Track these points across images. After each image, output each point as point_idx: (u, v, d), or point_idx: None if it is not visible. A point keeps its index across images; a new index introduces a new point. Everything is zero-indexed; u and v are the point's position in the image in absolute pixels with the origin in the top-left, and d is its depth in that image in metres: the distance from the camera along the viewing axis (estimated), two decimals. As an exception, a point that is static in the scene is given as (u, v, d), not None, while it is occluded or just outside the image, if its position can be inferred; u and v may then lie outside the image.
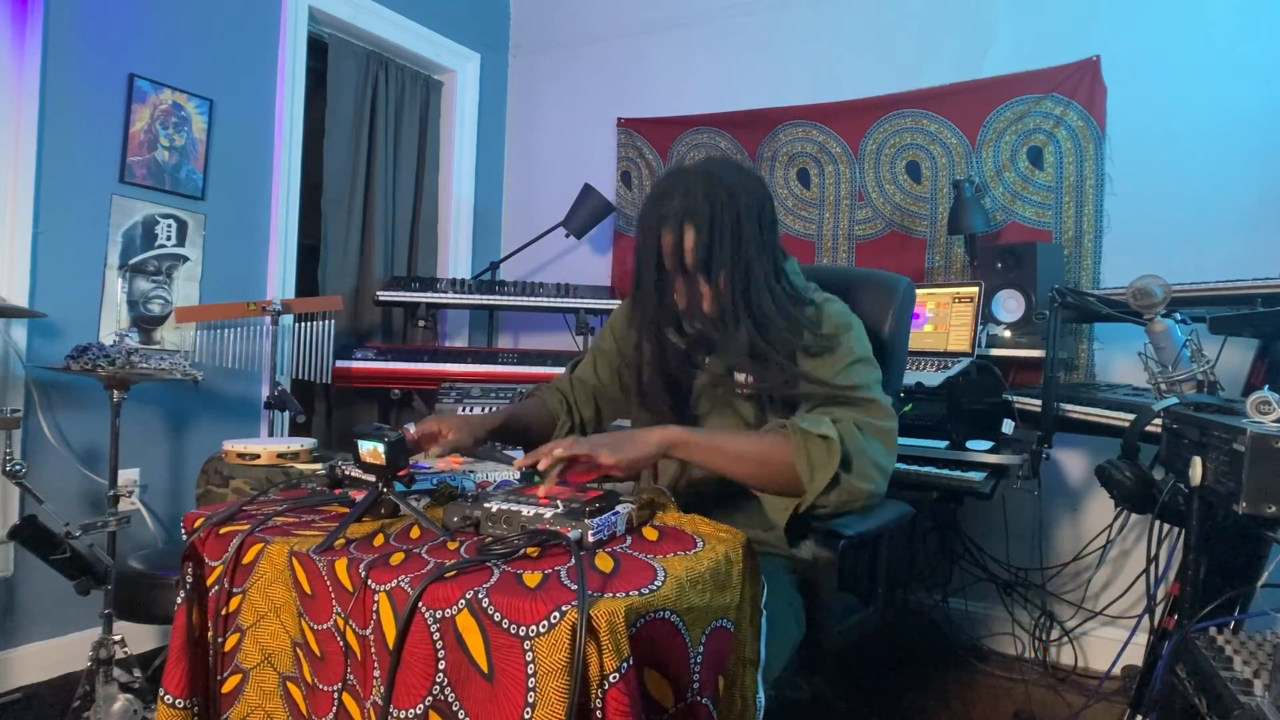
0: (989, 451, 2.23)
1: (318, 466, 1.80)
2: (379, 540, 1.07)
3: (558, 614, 0.82)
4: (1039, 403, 2.17)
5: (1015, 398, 2.30)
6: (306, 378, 2.74)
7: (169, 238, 2.57)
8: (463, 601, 0.88)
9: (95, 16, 2.37)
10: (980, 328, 2.49)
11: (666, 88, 3.43)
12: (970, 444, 2.27)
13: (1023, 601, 2.68)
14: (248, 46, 2.78)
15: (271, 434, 2.63)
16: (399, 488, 1.19)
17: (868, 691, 2.34)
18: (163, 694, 1.10)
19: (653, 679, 0.90)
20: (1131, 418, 1.81)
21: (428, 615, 0.90)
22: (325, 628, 1.01)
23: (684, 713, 0.93)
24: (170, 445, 2.61)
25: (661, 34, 3.44)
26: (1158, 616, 1.64)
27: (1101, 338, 2.62)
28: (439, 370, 2.96)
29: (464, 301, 3.15)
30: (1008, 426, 2.30)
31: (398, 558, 0.99)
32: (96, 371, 1.97)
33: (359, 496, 1.18)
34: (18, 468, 1.89)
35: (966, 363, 2.38)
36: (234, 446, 2.02)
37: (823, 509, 1.23)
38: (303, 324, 2.71)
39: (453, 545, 1.04)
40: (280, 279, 2.87)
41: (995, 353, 2.51)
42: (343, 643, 0.99)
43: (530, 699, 0.82)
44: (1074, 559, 2.60)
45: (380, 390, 3.20)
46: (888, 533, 1.55)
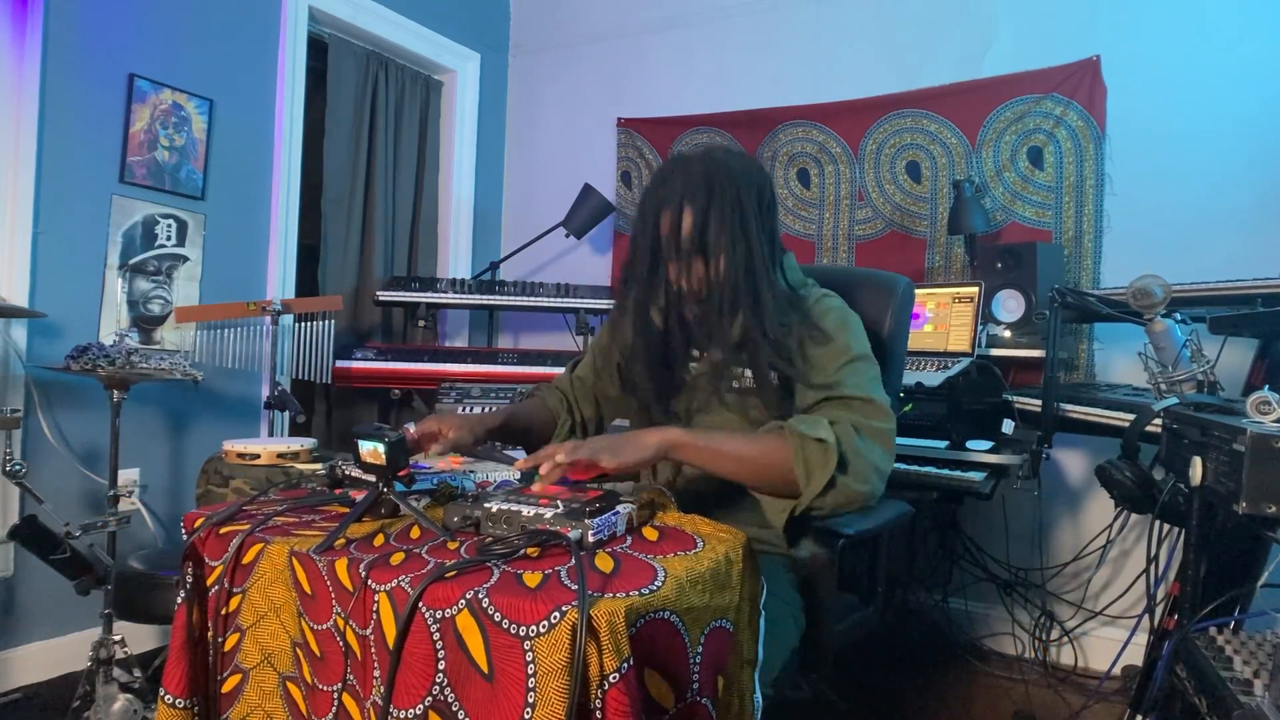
0: (989, 451, 2.23)
1: (318, 466, 1.80)
2: (379, 540, 1.07)
3: (558, 614, 0.82)
4: (1039, 403, 2.17)
5: (1015, 398, 2.30)
6: (306, 378, 2.74)
7: (169, 238, 2.57)
8: (463, 601, 0.88)
9: (95, 16, 2.37)
10: (980, 328, 2.49)
11: (666, 88, 3.43)
12: (970, 444, 2.27)
13: (1023, 601, 2.68)
14: (248, 46, 2.78)
15: (271, 434, 2.63)
16: (399, 488, 1.19)
17: (868, 691, 2.34)
18: (163, 694, 1.10)
19: (653, 679, 0.90)
20: (1131, 418, 1.81)
21: (428, 615, 0.90)
22: (325, 628, 1.01)
23: (684, 713, 0.93)
24: (170, 445, 2.61)
25: (661, 34, 3.44)
26: (1158, 616, 1.64)
27: (1101, 338, 2.62)
28: (439, 370, 2.96)
29: (464, 301, 3.15)
30: (1008, 426, 2.30)
31: (398, 558, 0.99)
32: (96, 371, 1.97)
33: (359, 496, 1.18)
34: (18, 468, 1.89)
35: (966, 363, 2.38)
36: (234, 446, 2.02)
37: (819, 511, 1.23)
38: (303, 324, 2.71)
39: (453, 545, 1.04)
40: (280, 279, 2.87)
41: (995, 353, 2.51)
42: (343, 643, 0.99)
43: (530, 699, 0.82)
44: (1074, 559, 2.60)
45: (380, 390, 3.20)
46: (887, 532, 1.55)
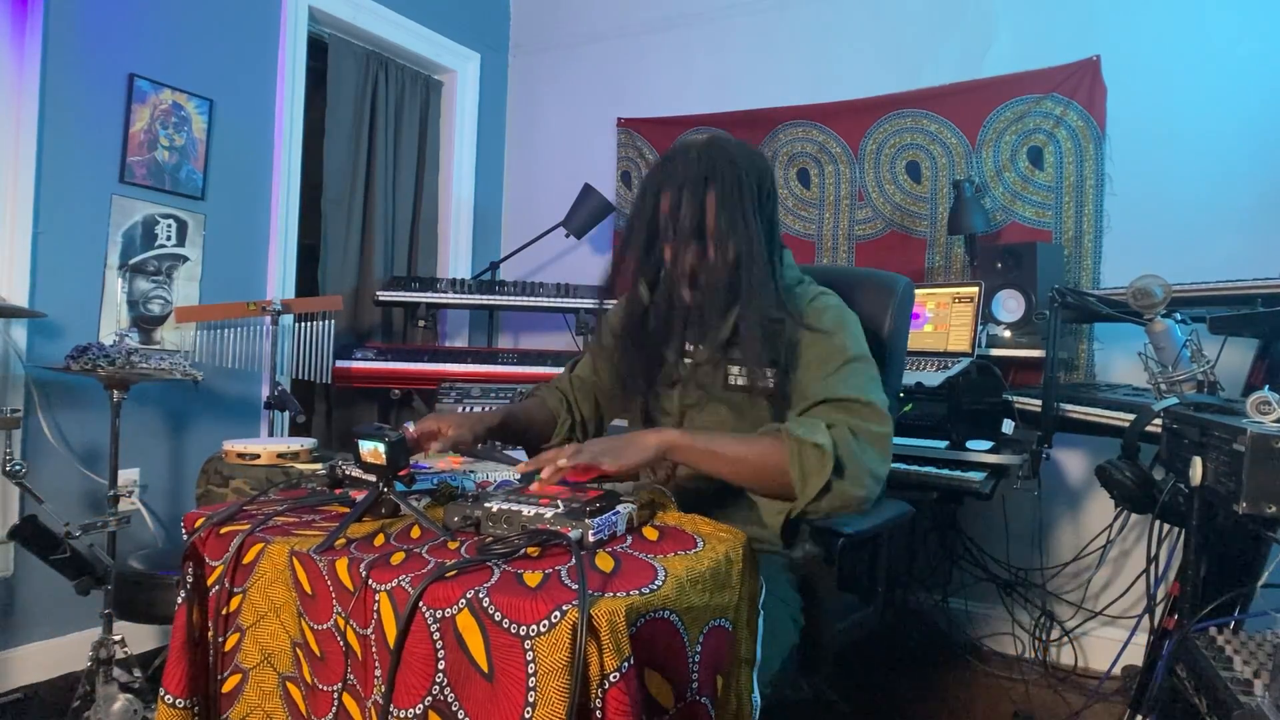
0: (989, 451, 2.23)
1: (318, 466, 1.79)
2: (379, 540, 1.07)
3: (558, 613, 0.82)
4: (1039, 403, 2.17)
5: (1015, 398, 2.30)
6: (306, 378, 2.74)
7: (169, 238, 2.57)
8: (463, 601, 0.88)
9: (95, 16, 2.37)
10: (980, 328, 2.49)
11: (666, 88, 3.43)
12: (970, 444, 2.27)
13: (1023, 601, 2.68)
14: (248, 46, 2.78)
15: (271, 434, 2.63)
16: (399, 488, 1.19)
17: (868, 691, 2.34)
18: (163, 694, 1.10)
19: (653, 679, 0.90)
20: (1131, 418, 1.81)
21: (428, 615, 0.90)
22: (325, 627, 1.01)
23: (684, 712, 0.93)
24: (170, 445, 2.61)
25: (661, 34, 3.44)
26: (1158, 616, 1.64)
27: (1101, 338, 2.62)
28: (439, 370, 2.96)
29: (464, 301, 3.15)
30: (1008, 426, 2.30)
31: (398, 557, 0.99)
32: (96, 371, 1.97)
33: (359, 496, 1.18)
34: (18, 468, 1.89)
35: (966, 363, 2.38)
36: (234, 446, 2.02)
37: (814, 514, 1.23)
38: (303, 324, 2.71)
39: (453, 545, 1.04)
40: (280, 279, 2.87)
41: (995, 353, 2.51)
42: (343, 642, 0.99)
43: (530, 699, 0.82)
44: (1074, 559, 2.60)
45: (380, 390, 3.20)
46: (887, 532, 1.55)
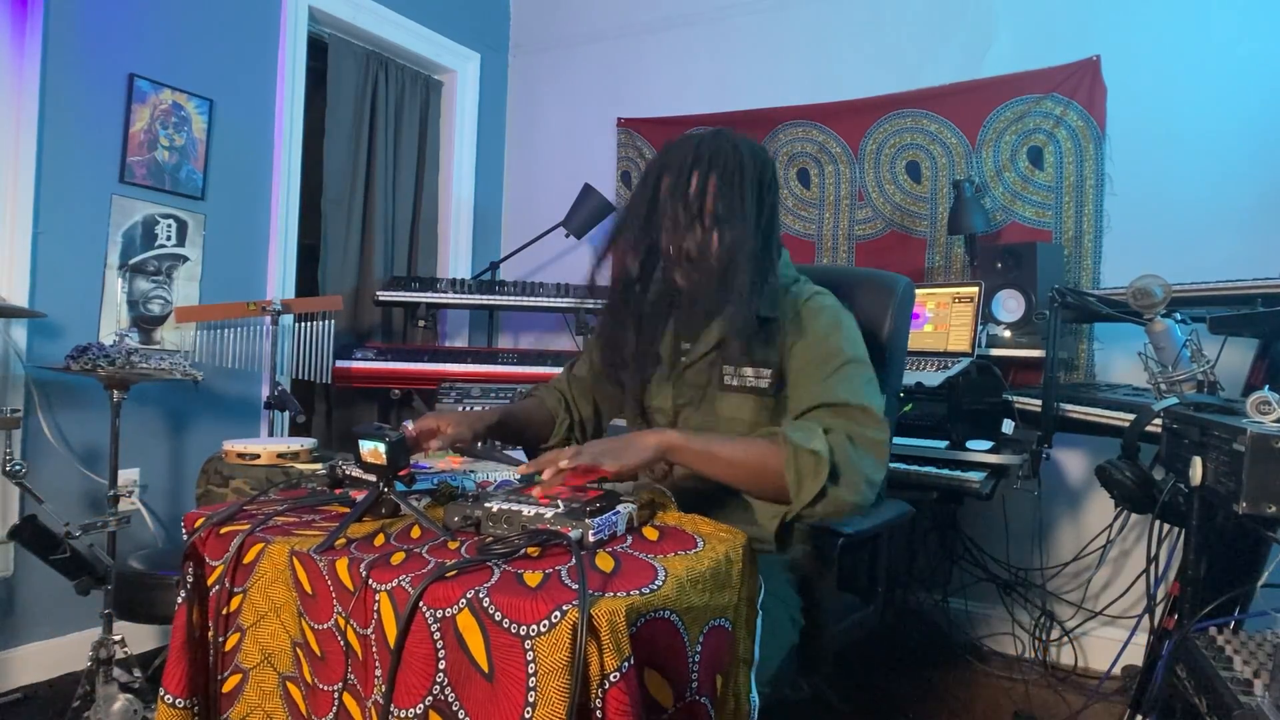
0: (989, 451, 2.23)
1: (318, 466, 1.79)
2: (380, 540, 1.07)
3: (558, 613, 0.82)
4: (1039, 403, 2.17)
5: (1015, 398, 2.30)
6: (306, 378, 2.74)
7: (169, 238, 2.57)
8: (463, 601, 0.88)
9: (95, 16, 2.37)
10: (980, 328, 2.49)
11: (666, 88, 3.43)
12: (970, 444, 2.27)
13: (1023, 601, 2.68)
14: (248, 46, 2.78)
15: (271, 434, 2.63)
16: (399, 487, 1.19)
17: (868, 691, 2.34)
18: (163, 694, 1.10)
19: (652, 678, 0.90)
20: (1131, 418, 1.81)
21: (428, 615, 0.90)
22: (326, 627, 1.01)
23: (683, 712, 0.93)
24: (170, 445, 2.61)
25: (661, 34, 3.44)
26: (1158, 616, 1.64)
27: (1101, 338, 2.62)
28: (439, 370, 2.96)
29: (464, 301, 3.15)
30: (1008, 426, 2.30)
31: (398, 557, 0.99)
32: (96, 371, 1.97)
33: (359, 496, 1.18)
34: (18, 468, 1.89)
35: (966, 363, 2.38)
36: (234, 446, 2.02)
37: (809, 519, 1.23)
38: (303, 324, 2.71)
39: (453, 545, 1.04)
40: (280, 279, 2.87)
41: (995, 353, 2.51)
42: (343, 642, 0.99)
43: (531, 698, 0.82)
44: (1074, 559, 2.60)
45: (380, 390, 3.20)
46: (887, 532, 1.55)
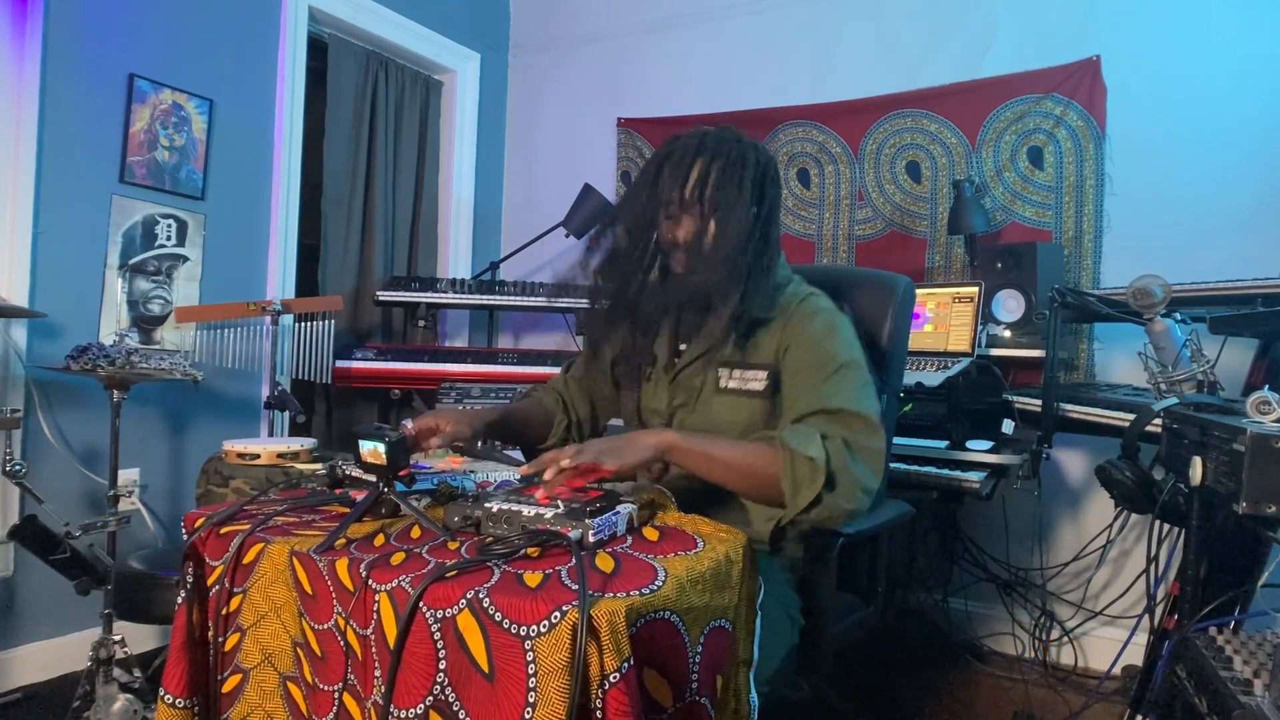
0: (989, 451, 2.23)
1: (318, 466, 1.79)
2: (379, 540, 1.07)
3: (558, 614, 0.82)
4: (1039, 403, 2.17)
5: (1015, 398, 2.30)
6: (306, 378, 2.74)
7: (169, 238, 2.56)
8: (463, 601, 0.88)
9: (95, 16, 2.37)
10: (980, 328, 2.48)
11: (666, 87, 3.43)
12: (970, 444, 2.27)
13: (1023, 601, 2.68)
14: (248, 46, 2.78)
15: (271, 434, 2.63)
16: (399, 487, 1.19)
17: (868, 691, 2.34)
18: (163, 694, 1.10)
19: (652, 678, 0.90)
20: (1131, 418, 1.81)
21: (428, 615, 0.90)
22: (326, 627, 1.01)
23: (683, 712, 0.93)
24: (170, 445, 2.61)
25: (661, 34, 3.44)
26: (1158, 616, 1.64)
27: (1101, 338, 2.62)
28: (439, 370, 2.96)
29: (464, 301, 3.15)
30: (1008, 426, 2.30)
31: (398, 557, 0.99)
32: (96, 371, 1.97)
33: (359, 496, 1.18)
34: (18, 468, 1.89)
35: (966, 363, 2.38)
36: (234, 446, 2.02)
37: (803, 524, 1.23)
38: (303, 324, 2.71)
39: (453, 545, 1.04)
40: (280, 279, 2.87)
41: (995, 353, 2.50)
42: (343, 642, 0.99)
43: (531, 699, 0.82)
44: (1074, 559, 2.60)
45: (380, 390, 3.20)
46: (887, 532, 1.55)
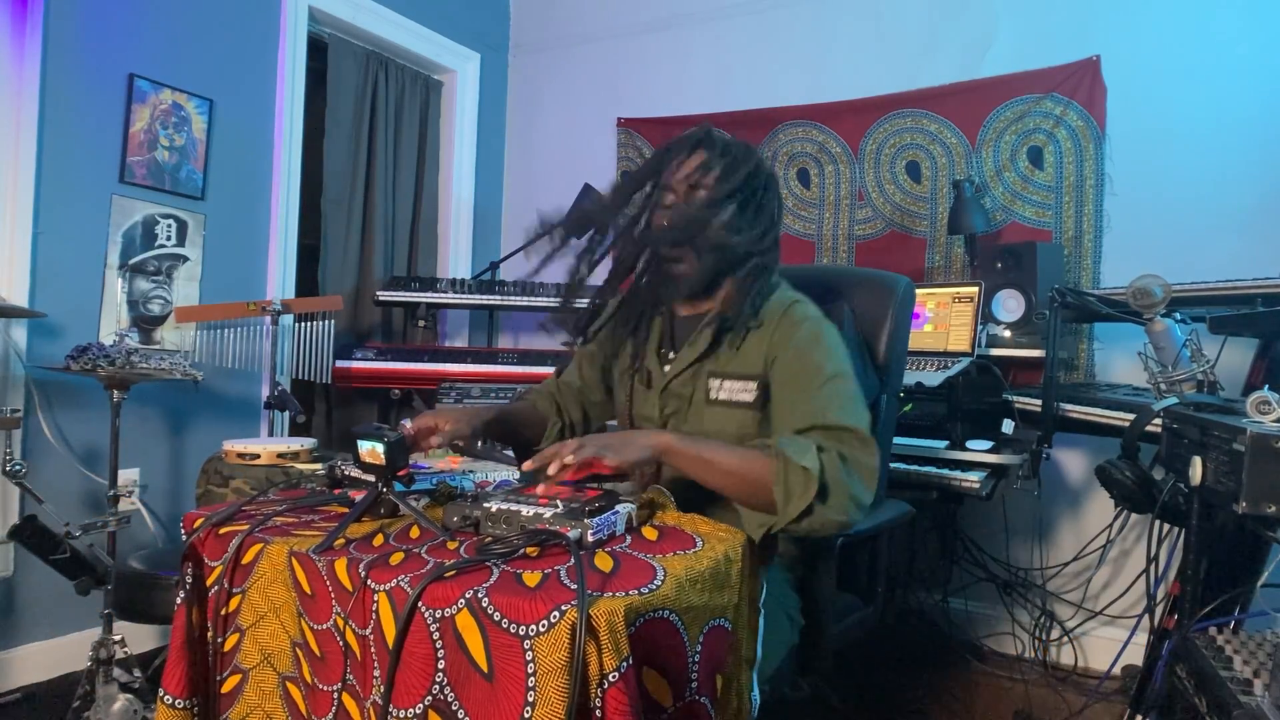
0: (989, 451, 2.23)
1: (317, 466, 1.80)
2: (379, 540, 1.07)
3: (557, 613, 0.82)
4: (1039, 403, 2.17)
5: (1015, 397, 2.30)
6: (306, 378, 2.74)
7: (169, 238, 2.57)
8: (462, 601, 0.88)
9: (95, 16, 2.37)
10: (980, 328, 2.48)
11: (666, 87, 3.43)
12: (970, 444, 2.27)
13: (1023, 601, 2.68)
14: (248, 46, 2.78)
15: (271, 434, 2.63)
16: (398, 487, 1.19)
17: (868, 691, 2.34)
18: (162, 694, 1.10)
19: (651, 678, 0.90)
20: (1131, 418, 1.81)
21: (427, 615, 0.90)
22: (325, 628, 1.01)
23: (682, 711, 0.93)
24: (170, 445, 2.61)
25: (661, 33, 3.44)
26: (1158, 616, 1.64)
27: (1101, 338, 2.62)
28: (439, 370, 2.96)
29: (464, 301, 3.15)
30: (1008, 426, 2.30)
31: (397, 557, 0.99)
32: (96, 371, 1.97)
33: (358, 496, 1.18)
34: (18, 468, 1.89)
35: (966, 362, 2.38)
36: (234, 446, 2.02)
37: (794, 532, 1.23)
38: (303, 324, 2.71)
39: (452, 545, 1.04)
40: (280, 279, 2.87)
41: (995, 353, 2.50)
42: (342, 643, 0.99)
43: (530, 698, 0.82)
44: (1074, 559, 2.60)
45: (380, 390, 3.20)
46: (886, 532, 1.56)
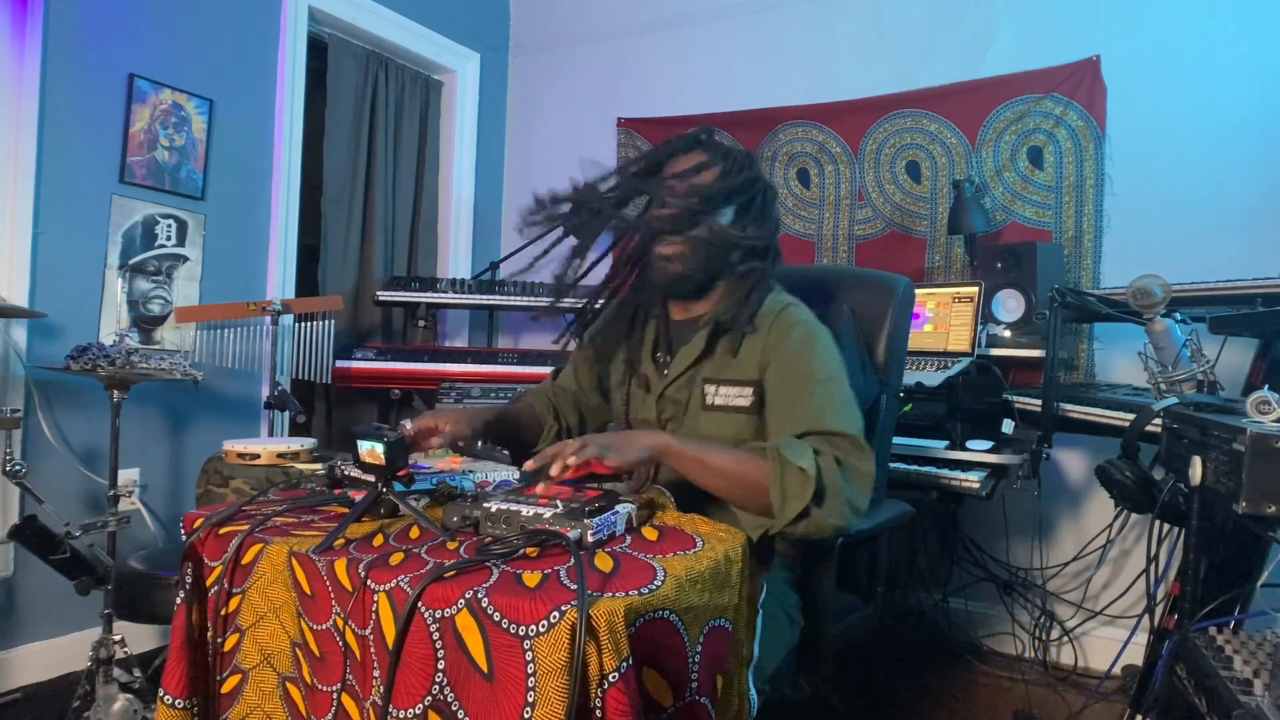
0: (989, 451, 2.23)
1: (317, 466, 1.79)
2: (378, 540, 1.07)
3: (557, 614, 0.82)
4: (1039, 402, 2.17)
5: (1015, 397, 2.30)
6: (306, 378, 2.74)
7: (169, 238, 2.56)
8: (462, 601, 0.88)
9: (95, 16, 2.37)
10: (980, 327, 2.48)
11: (666, 87, 3.43)
12: (970, 444, 2.27)
13: (1023, 601, 2.68)
14: (248, 46, 2.78)
15: (271, 434, 2.63)
16: (398, 488, 1.19)
17: (868, 691, 2.34)
18: (162, 694, 1.10)
19: (651, 678, 0.90)
20: (1131, 418, 1.81)
21: (427, 615, 0.90)
22: (324, 628, 1.01)
23: (682, 712, 0.93)
24: (170, 445, 2.61)
25: (661, 33, 3.44)
26: (1158, 616, 1.64)
27: (1101, 338, 2.62)
28: (439, 370, 2.96)
29: (464, 301, 3.15)
30: (1008, 426, 2.30)
31: (397, 558, 0.99)
32: (96, 371, 1.97)
33: (358, 496, 1.18)
34: (18, 468, 1.89)
35: (966, 362, 2.38)
36: (234, 446, 2.02)
37: (790, 535, 1.23)
38: (303, 324, 2.71)
39: (452, 545, 1.04)
40: (280, 279, 2.87)
41: (995, 353, 2.50)
42: (342, 643, 0.99)
43: (530, 699, 0.82)
44: (1074, 559, 2.60)
45: (380, 390, 3.20)
46: (886, 532, 1.56)
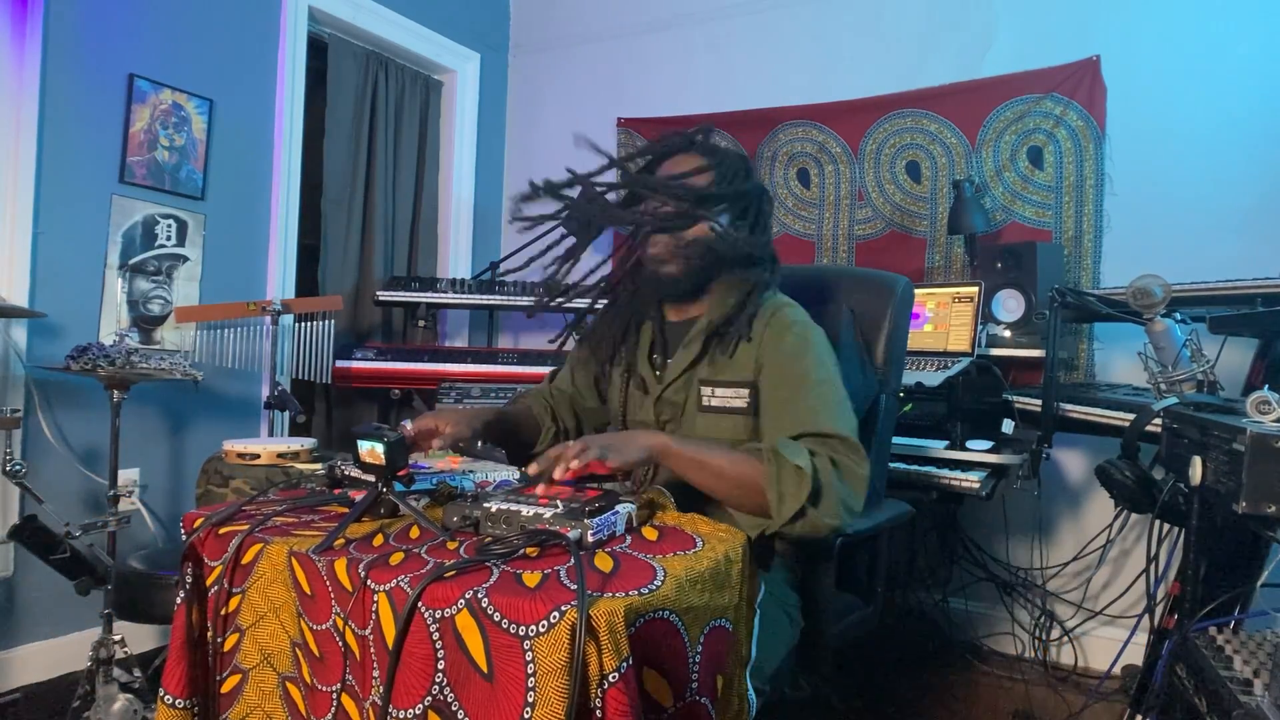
0: (989, 451, 2.23)
1: (317, 466, 1.79)
2: (378, 540, 1.07)
3: (557, 614, 0.82)
4: (1039, 402, 2.17)
5: (1015, 397, 2.30)
6: (306, 378, 2.74)
7: (169, 238, 2.56)
8: (462, 601, 0.88)
9: (95, 16, 2.37)
10: (980, 327, 2.48)
11: (666, 87, 3.43)
12: (970, 444, 2.27)
13: (1023, 601, 2.68)
14: (248, 46, 2.78)
15: (271, 434, 2.63)
16: (398, 488, 1.19)
17: (868, 691, 2.34)
18: (162, 694, 1.10)
19: (651, 678, 0.90)
20: (1131, 418, 1.81)
21: (427, 615, 0.90)
22: (324, 628, 1.01)
23: (682, 712, 0.93)
24: (170, 445, 2.61)
25: (661, 33, 3.44)
26: (1158, 616, 1.64)
27: (1101, 338, 2.62)
28: (439, 370, 2.96)
29: (464, 301, 3.15)
30: (1008, 426, 2.30)
31: (397, 558, 0.99)
32: (96, 371, 1.97)
33: (358, 496, 1.18)
34: (18, 468, 1.89)
35: (966, 362, 2.38)
36: (234, 446, 2.02)
37: (788, 535, 1.23)
38: (303, 324, 2.71)
39: (452, 545, 1.04)
40: (280, 279, 2.87)
41: (995, 352, 2.50)
42: (342, 643, 0.99)
43: (530, 699, 0.82)
44: (1074, 559, 2.60)
45: (380, 390, 3.20)
46: (886, 532, 1.55)
